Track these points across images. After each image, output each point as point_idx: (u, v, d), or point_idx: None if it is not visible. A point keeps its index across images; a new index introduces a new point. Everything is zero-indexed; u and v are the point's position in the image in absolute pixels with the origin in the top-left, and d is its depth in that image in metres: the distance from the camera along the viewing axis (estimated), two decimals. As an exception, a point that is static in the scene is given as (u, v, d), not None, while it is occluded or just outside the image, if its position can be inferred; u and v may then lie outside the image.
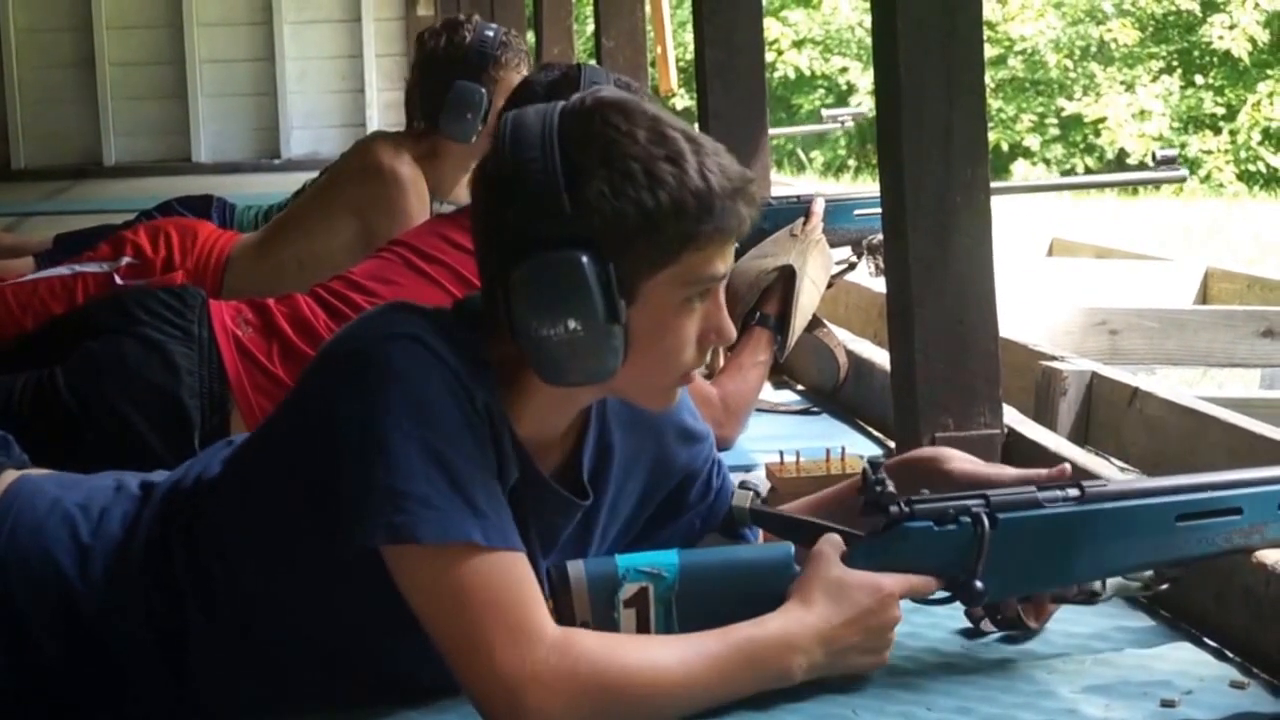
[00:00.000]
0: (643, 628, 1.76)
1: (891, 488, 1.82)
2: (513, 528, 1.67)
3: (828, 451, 2.52)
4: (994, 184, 2.71)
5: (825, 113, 9.57)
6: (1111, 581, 1.92)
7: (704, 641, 1.71)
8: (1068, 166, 18.71)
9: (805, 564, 1.80)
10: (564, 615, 1.72)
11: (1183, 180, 4.04)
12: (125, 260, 3.53)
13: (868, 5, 3.01)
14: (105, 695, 1.78)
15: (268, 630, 1.77)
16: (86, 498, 1.86)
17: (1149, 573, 1.92)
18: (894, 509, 1.82)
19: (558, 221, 1.65)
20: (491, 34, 3.76)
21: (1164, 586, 1.93)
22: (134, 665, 1.77)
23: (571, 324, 1.66)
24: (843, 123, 10.00)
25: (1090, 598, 1.93)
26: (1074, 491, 1.85)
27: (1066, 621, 2.12)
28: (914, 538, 1.83)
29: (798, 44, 19.83)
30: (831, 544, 1.81)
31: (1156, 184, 4.33)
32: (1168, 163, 3.84)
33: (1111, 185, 9.68)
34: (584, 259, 1.65)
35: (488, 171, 1.74)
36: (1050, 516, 1.84)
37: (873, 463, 1.84)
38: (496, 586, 1.62)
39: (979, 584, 1.82)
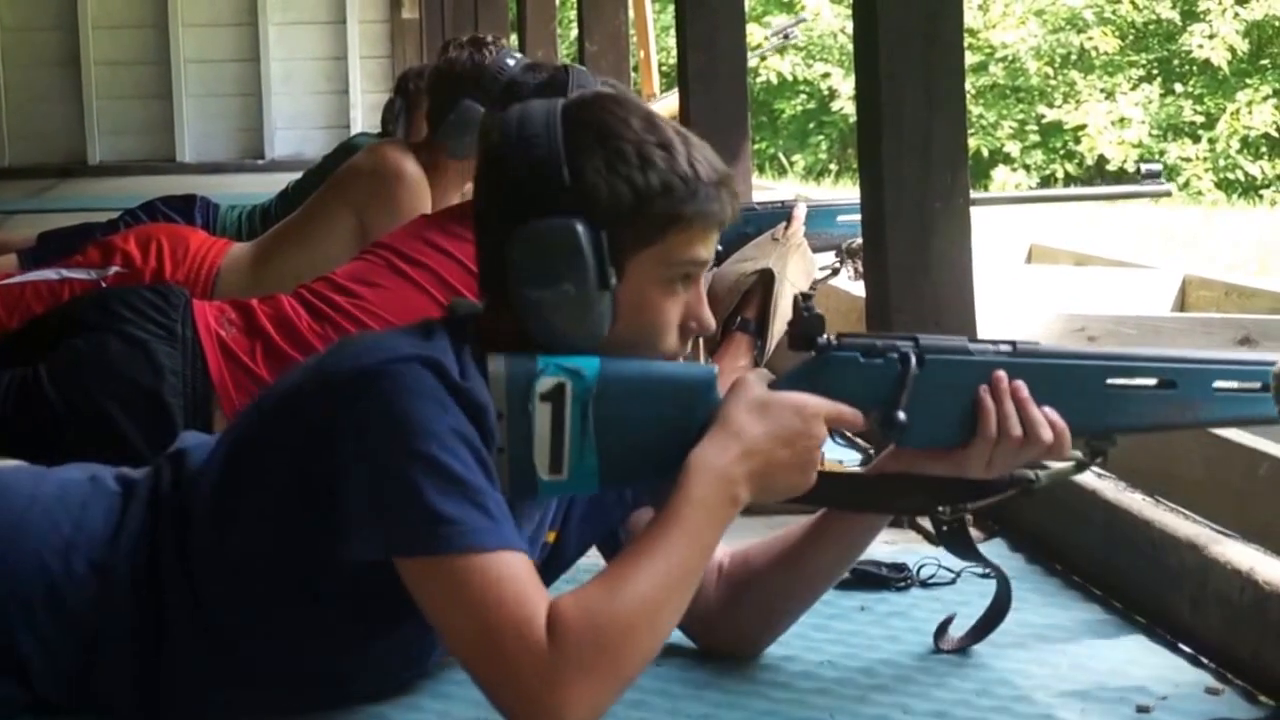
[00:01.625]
0: (557, 427, 1.73)
1: (820, 316, 1.83)
2: (515, 529, 1.70)
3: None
4: (974, 195, 2.73)
5: (774, 25, 9.59)
6: (1044, 473, 1.90)
7: (660, 537, 1.69)
8: (1048, 173, 18.72)
9: (729, 390, 1.79)
10: None
11: (1166, 194, 4.05)
12: (114, 269, 3.52)
13: (850, 12, 3.03)
14: (76, 691, 1.81)
15: (245, 633, 1.80)
16: (61, 489, 1.88)
17: (1080, 453, 1.90)
18: (821, 340, 1.84)
19: (557, 191, 1.74)
20: (512, 62, 3.78)
21: (1098, 460, 1.91)
22: (107, 661, 1.80)
23: (565, 286, 1.74)
24: (788, 35, 10.04)
25: (1026, 487, 1.90)
26: (1005, 346, 1.86)
27: (1042, 626, 2.14)
28: (840, 368, 1.83)
29: (780, 50, 19.85)
30: (757, 374, 1.83)
31: (1140, 197, 4.31)
32: (1152, 176, 3.85)
33: (1095, 199, 9.70)
34: (579, 225, 1.73)
35: (493, 147, 1.81)
36: (978, 363, 1.85)
37: (804, 294, 1.86)
38: (506, 589, 1.63)
39: (901, 415, 1.82)
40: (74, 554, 1.81)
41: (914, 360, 1.83)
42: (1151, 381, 1.89)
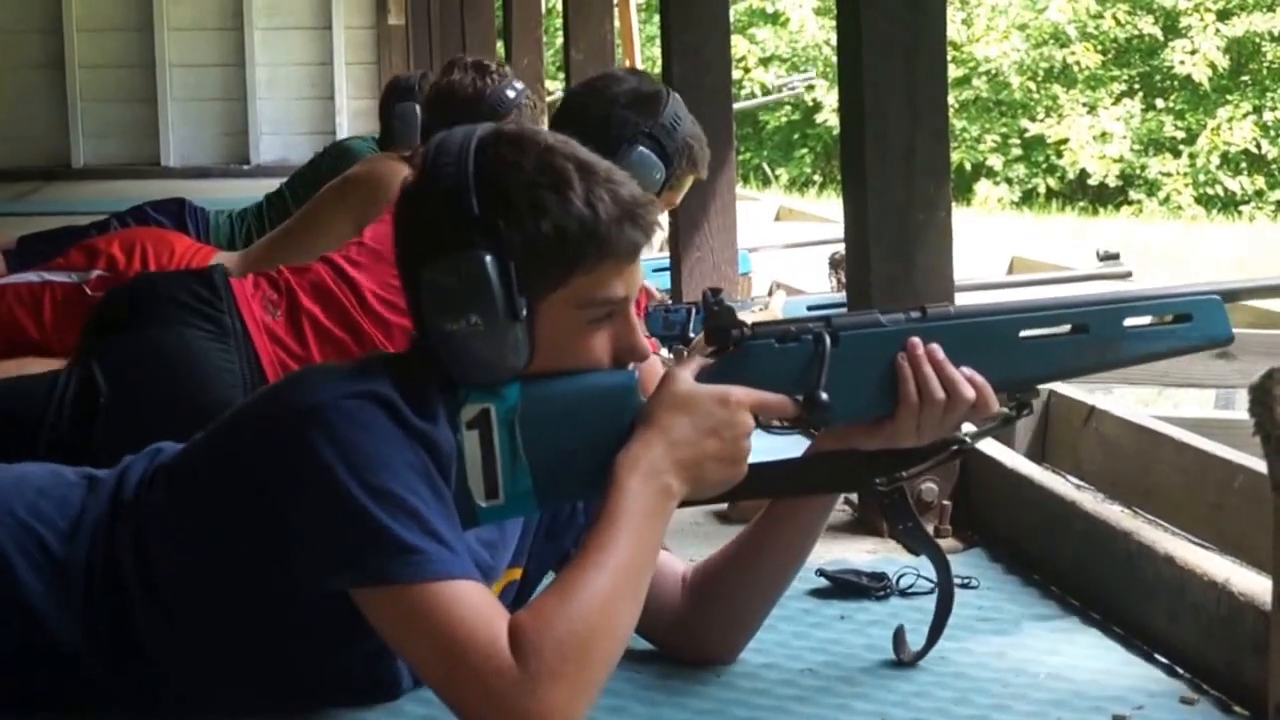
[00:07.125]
0: (486, 452, 1.75)
1: (731, 309, 1.84)
2: (469, 557, 1.71)
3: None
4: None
5: (775, 80, 9.72)
6: (969, 429, 1.93)
7: (601, 537, 1.69)
8: (1030, 187, 18.80)
9: (655, 387, 1.80)
10: None
11: (1127, 275, 4.12)
12: (96, 273, 3.50)
13: (834, 23, 3.05)
14: (48, 685, 1.82)
15: (217, 637, 1.81)
16: (20, 476, 1.90)
17: (1004, 409, 1.92)
18: (735, 331, 1.84)
19: (464, 224, 1.73)
20: (513, 94, 3.80)
21: (1025, 413, 1.93)
22: (78, 655, 1.81)
23: (473, 318, 1.72)
24: (794, 89, 10.08)
25: (959, 449, 1.92)
26: (916, 313, 1.89)
27: (1020, 635, 2.15)
28: (757, 355, 1.84)
29: (764, 61, 19.86)
30: (689, 365, 1.82)
31: (1101, 279, 4.43)
32: (1110, 259, 3.92)
33: (1058, 283, 9.81)
34: (486, 256, 1.71)
35: (411, 179, 1.81)
36: (892, 333, 1.87)
37: (712, 289, 1.86)
38: (469, 615, 1.64)
39: (823, 395, 1.83)
40: (26, 538, 1.82)
41: (828, 339, 1.85)
42: (1065, 328, 1.92)
